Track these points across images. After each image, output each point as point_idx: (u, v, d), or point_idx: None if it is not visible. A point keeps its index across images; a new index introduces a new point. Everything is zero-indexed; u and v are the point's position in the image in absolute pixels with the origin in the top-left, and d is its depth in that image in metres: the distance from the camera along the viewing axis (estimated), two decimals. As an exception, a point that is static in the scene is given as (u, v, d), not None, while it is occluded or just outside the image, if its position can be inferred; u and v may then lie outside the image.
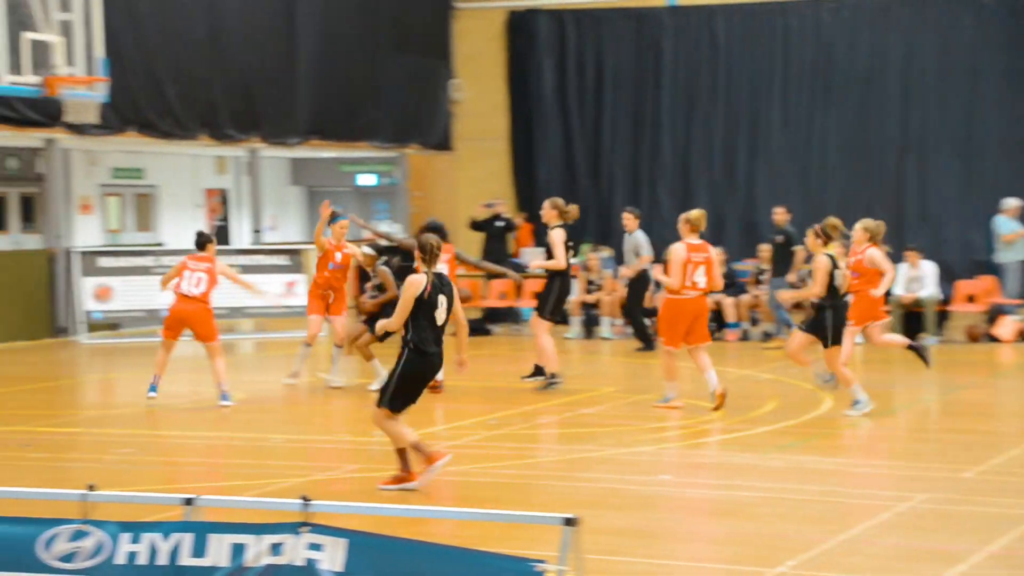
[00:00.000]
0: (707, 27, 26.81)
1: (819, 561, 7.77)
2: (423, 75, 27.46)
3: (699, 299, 13.23)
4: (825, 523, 8.68)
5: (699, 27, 26.86)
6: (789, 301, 14.21)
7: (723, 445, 11.47)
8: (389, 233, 14.84)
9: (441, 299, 9.22)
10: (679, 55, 26.99)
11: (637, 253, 18.70)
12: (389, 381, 9.48)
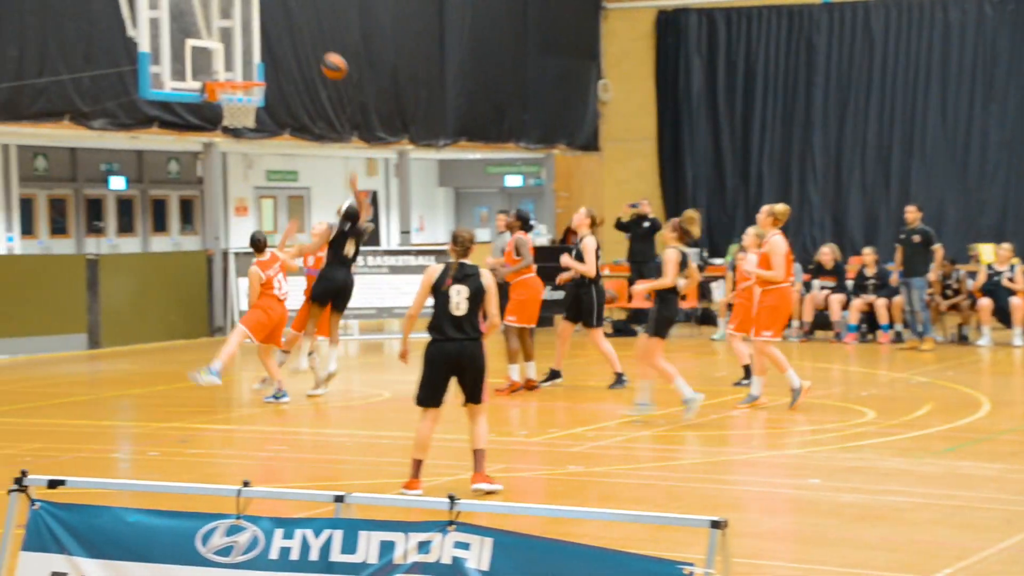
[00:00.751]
0: (863, 22, 26.33)
1: (977, 570, 7.56)
2: (571, 76, 27.49)
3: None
4: (984, 530, 8.45)
5: (854, 23, 26.40)
6: (641, 293, 13.93)
7: (875, 449, 11.25)
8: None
9: (459, 289, 9.32)
10: (832, 52, 26.57)
11: (502, 251, 18.88)
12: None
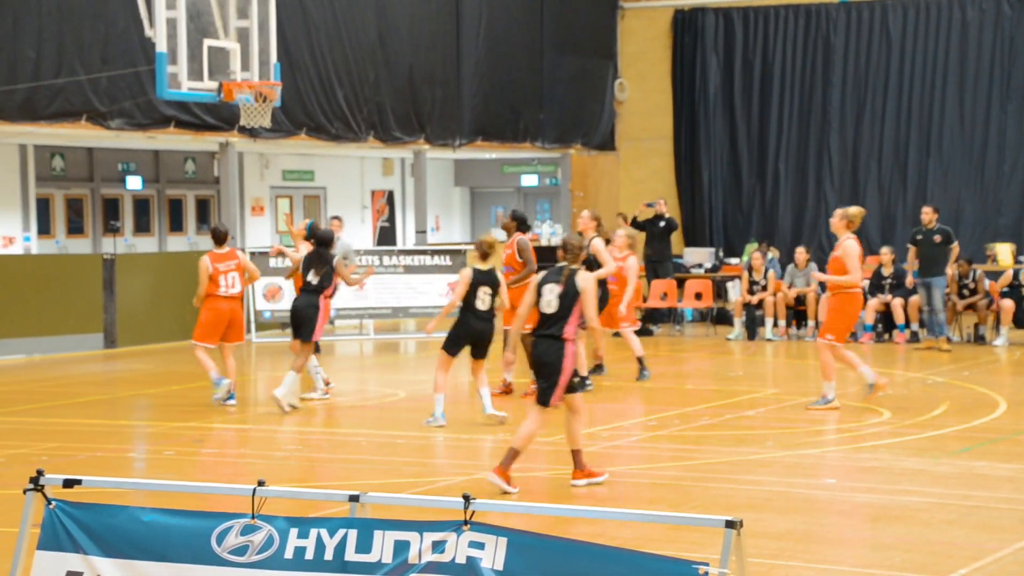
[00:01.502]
0: (880, 22, 26.27)
1: (992, 570, 7.54)
2: (587, 75, 27.49)
3: None
4: (999, 531, 8.42)
5: (871, 22, 26.34)
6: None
7: (890, 449, 11.22)
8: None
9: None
10: (849, 51, 26.51)
11: (346, 257, 19.03)
12: None
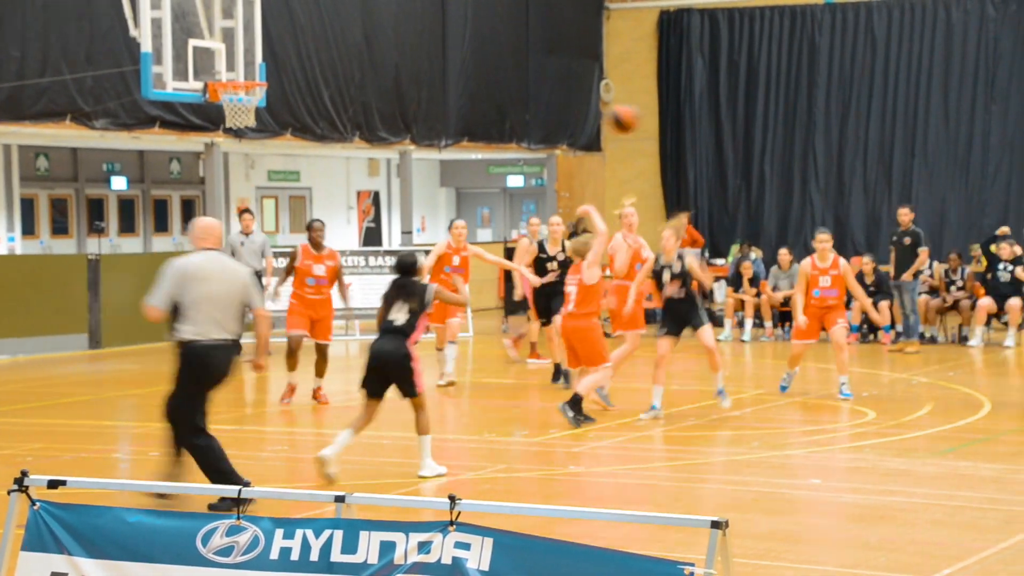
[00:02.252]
0: (865, 23, 26.34)
1: (976, 570, 7.56)
2: (573, 76, 27.50)
3: None
4: (983, 531, 8.45)
5: (856, 23, 26.41)
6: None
7: (875, 449, 11.25)
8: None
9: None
10: (835, 52, 26.57)
11: (263, 254, 19.19)
12: None
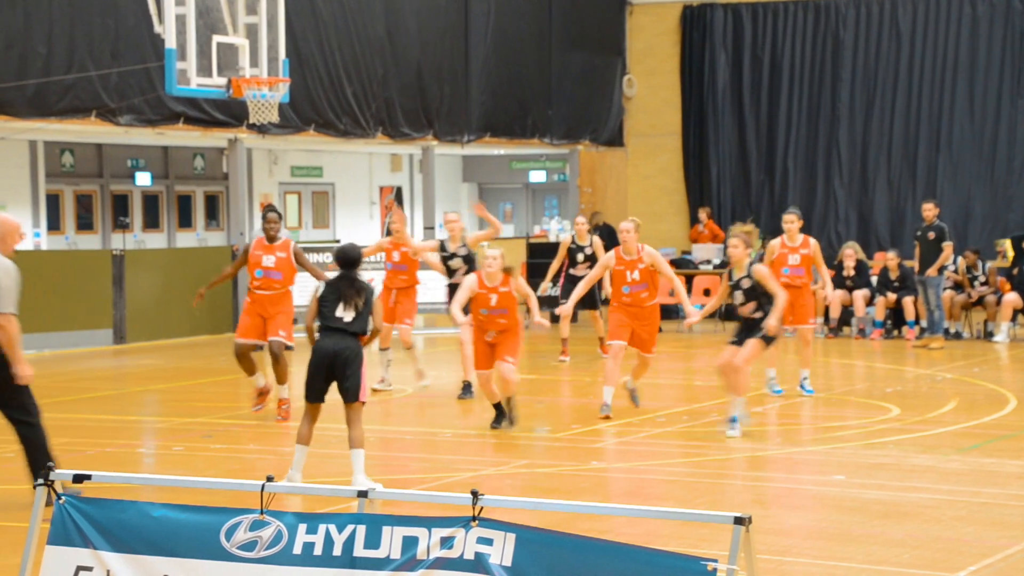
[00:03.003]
0: (890, 17, 26.20)
1: (1001, 568, 7.52)
2: (596, 71, 27.45)
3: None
4: (1008, 528, 8.40)
5: (881, 17, 26.28)
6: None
7: (899, 446, 11.20)
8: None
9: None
10: (859, 46, 26.44)
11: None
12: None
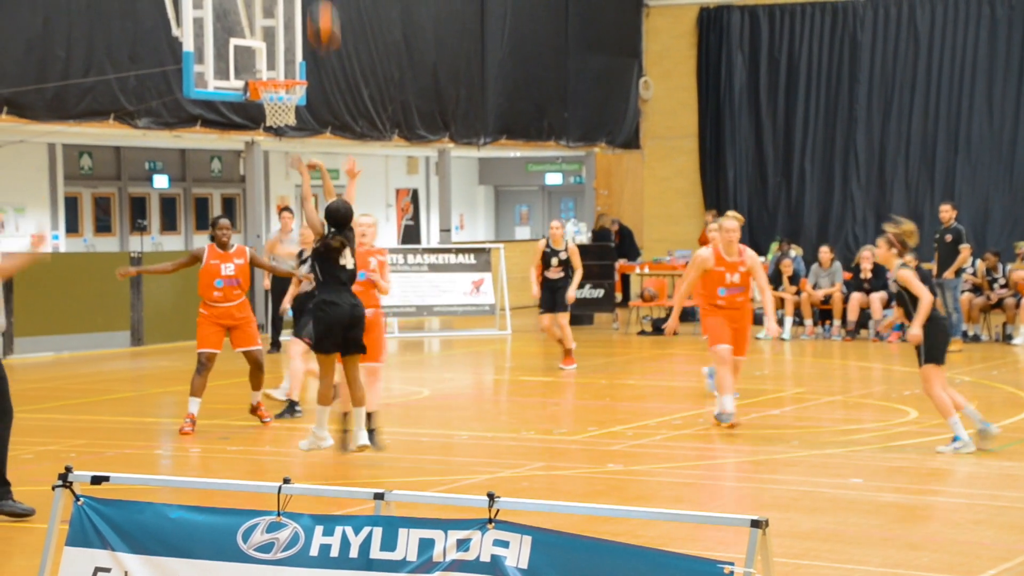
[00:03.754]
0: (908, 18, 26.15)
1: (1020, 571, 7.49)
2: (612, 74, 27.44)
3: None
4: (1026, 532, 8.38)
5: (899, 18, 26.22)
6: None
7: (917, 449, 11.17)
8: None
9: None
10: (876, 48, 26.40)
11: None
12: None
